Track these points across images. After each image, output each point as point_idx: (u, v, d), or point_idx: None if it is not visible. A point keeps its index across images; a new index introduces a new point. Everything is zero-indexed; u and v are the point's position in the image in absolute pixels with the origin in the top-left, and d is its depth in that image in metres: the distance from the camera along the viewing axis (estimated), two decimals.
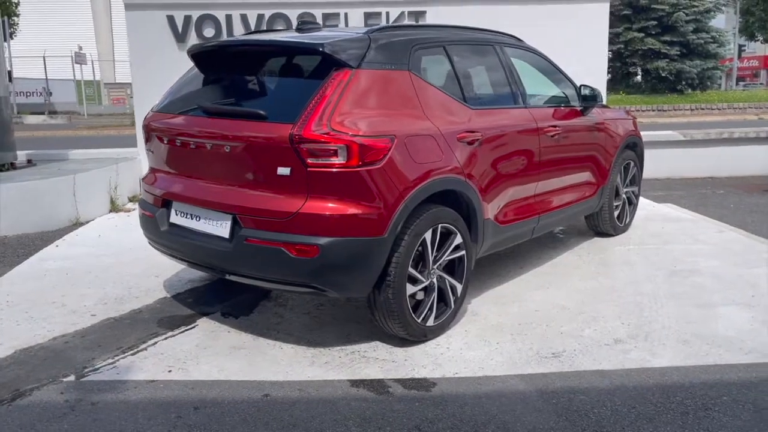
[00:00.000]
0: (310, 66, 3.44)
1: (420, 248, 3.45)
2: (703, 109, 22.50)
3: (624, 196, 5.72)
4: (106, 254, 5.22)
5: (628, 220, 5.87)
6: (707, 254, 5.13)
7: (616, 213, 5.63)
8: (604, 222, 5.57)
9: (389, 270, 3.31)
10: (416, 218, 3.38)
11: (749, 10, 31.88)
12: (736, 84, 37.99)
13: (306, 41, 3.49)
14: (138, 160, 7.83)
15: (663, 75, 24.02)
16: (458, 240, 3.68)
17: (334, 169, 3.10)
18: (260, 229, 3.23)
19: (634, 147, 5.80)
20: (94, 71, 32.05)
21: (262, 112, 3.24)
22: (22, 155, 7.59)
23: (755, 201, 7.55)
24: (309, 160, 3.09)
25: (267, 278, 3.34)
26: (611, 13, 22.83)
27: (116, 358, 3.36)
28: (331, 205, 3.14)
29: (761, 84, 43.16)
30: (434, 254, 3.55)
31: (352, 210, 3.15)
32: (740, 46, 38.39)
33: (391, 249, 3.29)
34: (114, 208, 6.87)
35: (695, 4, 22.72)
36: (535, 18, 7.87)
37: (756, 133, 9.08)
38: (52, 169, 6.81)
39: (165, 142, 3.69)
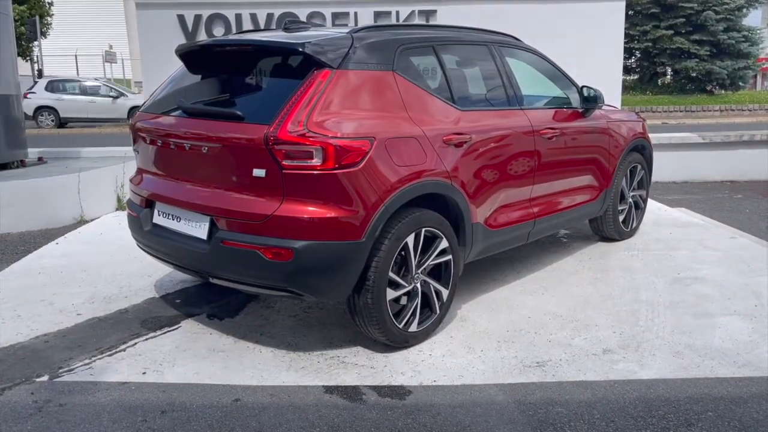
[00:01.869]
0: (291, 66, 3.39)
1: (402, 252, 3.38)
2: (732, 110, 21.94)
3: (630, 200, 5.57)
4: (104, 252, 5.25)
5: (634, 224, 5.71)
6: (713, 261, 4.96)
7: (621, 217, 5.48)
8: (609, 226, 5.43)
9: (368, 274, 3.24)
10: (397, 222, 3.31)
11: None
12: None
13: (287, 41, 3.44)
14: None
15: (692, 75, 23.47)
16: (444, 244, 3.60)
17: (310, 171, 3.05)
18: (236, 231, 3.20)
19: (642, 150, 5.64)
20: (124, 70, 32.56)
21: (239, 113, 3.20)
22: (34, 153, 7.69)
23: None
24: (284, 162, 3.04)
25: (244, 281, 3.30)
26: (638, 11, 22.41)
27: (93, 358, 3.35)
28: (306, 207, 3.08)
29: None
30: (418, 259, 3.48)
31: (328, 213, 3.09)
32: None
33: (369, 253, 3.22)
34: (120, 206, 6.92)
35: (726, 1, 22.12)
36: (547, 17, 7.73)
37: None
38: (59, 167, 6.88)
39: (148, 142, 3.68)
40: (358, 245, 3.16)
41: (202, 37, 7.80)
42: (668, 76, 25.45)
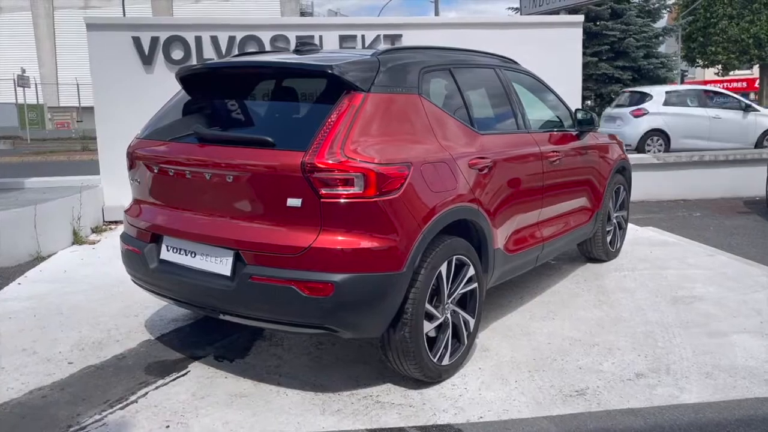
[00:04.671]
0: (318, 89, 3.21)
1: (435, 282, 3.23)
2: None
3: (615, 220, 5.64)
4: (75, 292, 4.81)
5: (619, 244, 5.79)
6: (704, 280, 5.06)
7: (608, 238, 5.53)
8: (597, 247, 5.46)
9: (406, 307, 3.07)
10: (433, 250, 3.16)
11: (691, 36, 33.16)
12: None
13: (313, 62, 3.25)
14: (101, 189, 7.40)
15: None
16: (471, 272, 3.47)
17: (350, 200, 2.86)
18: (267, 265, 2.95)
19: (623, 171, 5.74)
20: (37, 95, 31.07)
21: (269, 139, 2.97)
22: None
23: (733, 223, 7.61)
24: (322, 191, 2.84)
25: (272, 319, 3.05)
26: None
27: (104, 413, 3.00)
28: (346, 238, 2.89)
29: None
30: (449, 288, 3.33)
31: (369, 243, 2.91)
32: (683, 71, 39.86)
33: (408, 284, 3.05)
34: (77, 240, 6.42)
35: (644, 30, 23.41)
36: (509, 42, 7.77)
37: (725, 156, 9.25)
38: (8, 199, 6.33)
39: (155, 171, 3.38)
40: (399, 276, 2.99)
41: (159, 61, 7.42)
42: (590, 101, 26.53)
